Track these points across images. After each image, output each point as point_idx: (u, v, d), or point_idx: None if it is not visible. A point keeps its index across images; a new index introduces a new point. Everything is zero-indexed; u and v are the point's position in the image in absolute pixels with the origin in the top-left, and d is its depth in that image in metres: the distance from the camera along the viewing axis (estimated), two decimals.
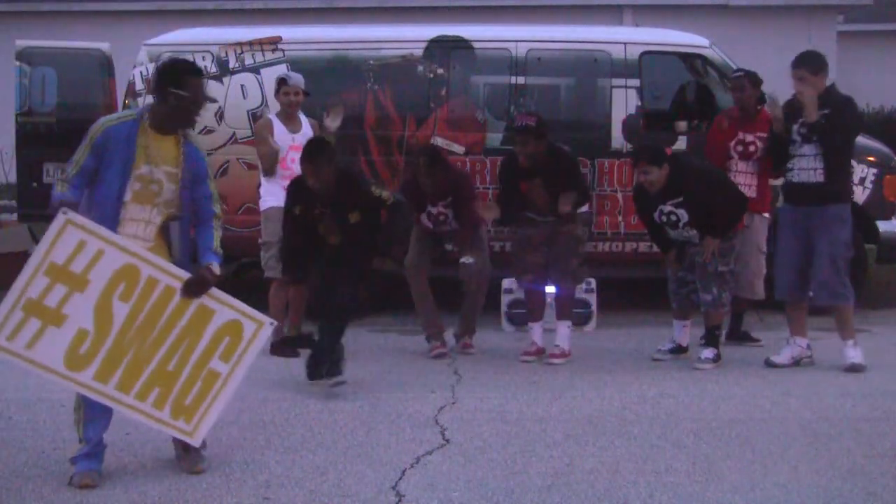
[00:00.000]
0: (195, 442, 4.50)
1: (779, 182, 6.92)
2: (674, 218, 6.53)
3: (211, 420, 4.51)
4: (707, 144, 7.40)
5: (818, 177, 6.37)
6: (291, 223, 6.20)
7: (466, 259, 6.77)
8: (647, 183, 6.49)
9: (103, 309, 4.30)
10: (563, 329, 6.85)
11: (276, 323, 4.61)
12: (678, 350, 6.85)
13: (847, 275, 6.48)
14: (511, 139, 6.94)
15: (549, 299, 7.06)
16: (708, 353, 6.61)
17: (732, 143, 7.08)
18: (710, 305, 6.62)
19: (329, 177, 5.92)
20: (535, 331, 6.95)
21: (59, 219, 4.24)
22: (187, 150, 4.45)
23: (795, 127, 6.42)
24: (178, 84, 4.36)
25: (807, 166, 6.41)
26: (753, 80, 7.14)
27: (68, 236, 4.25)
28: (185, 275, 4.41)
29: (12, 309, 4.22)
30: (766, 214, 7.24)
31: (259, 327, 4.57)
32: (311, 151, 5.95)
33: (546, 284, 6.92)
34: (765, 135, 6.90)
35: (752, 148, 7.03)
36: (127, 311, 4.32)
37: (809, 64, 6.40)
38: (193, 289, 4.40)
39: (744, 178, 7.05)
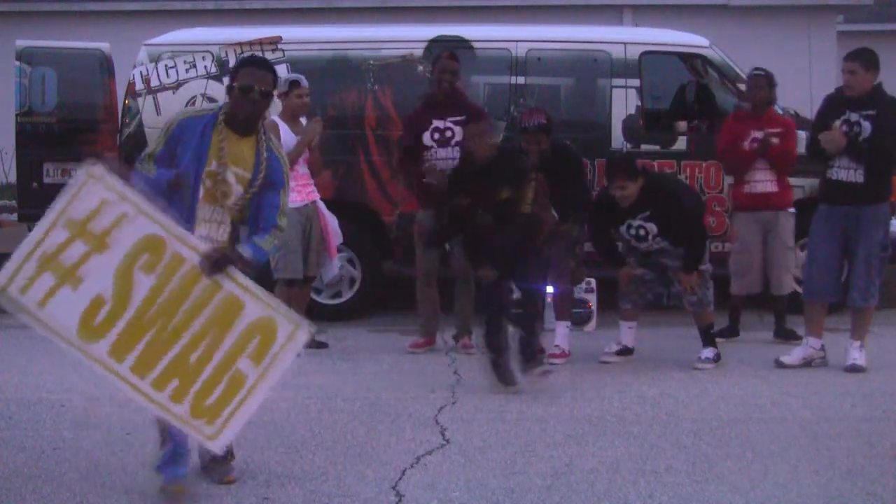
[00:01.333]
0: (216, 448, 4.09)
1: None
2: (642, 232, 6.47)
3: (236, 427, 4.07)
4: (720, 145, 7.44)
5: (858, 177, 6.27)
6: (453, 213, 6.21)
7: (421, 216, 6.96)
8: (621, 198, 6.39)
9: (124, 278, 3.92)
10: (562, 329, 6.86)
11: (314, 327, 4.19)
12: (625, 352, 6.81)
13: (880, 275, 6.45)
14: (521, 138, 6.90)
15: (548, 300, 7.06)
16: (708, 352, 6.61)
17: (748, 141, 7.13)
18: (696, 306, 6.61)
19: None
20: None
21: (81, 172, 3.91)
22: (268, 157, 4.26)
23: (837, 123, 6.30)
24: (234, 75, 4.26)
25: (847, 165, 6.29)
26: (770, 81, 7.24)
27: (89, 192, 3.92)
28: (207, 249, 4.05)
29: (26, 259, 3.87)
30: (792, 209, 7.29)
31: (296, 328, 4.10)
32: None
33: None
34: (778, 130, 7.08)
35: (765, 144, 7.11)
36: (150, 286, 3.94)
37: (863, 58, 6.29)
38: (207, 262, 4.00)
39: (762, 175, 7.17)
